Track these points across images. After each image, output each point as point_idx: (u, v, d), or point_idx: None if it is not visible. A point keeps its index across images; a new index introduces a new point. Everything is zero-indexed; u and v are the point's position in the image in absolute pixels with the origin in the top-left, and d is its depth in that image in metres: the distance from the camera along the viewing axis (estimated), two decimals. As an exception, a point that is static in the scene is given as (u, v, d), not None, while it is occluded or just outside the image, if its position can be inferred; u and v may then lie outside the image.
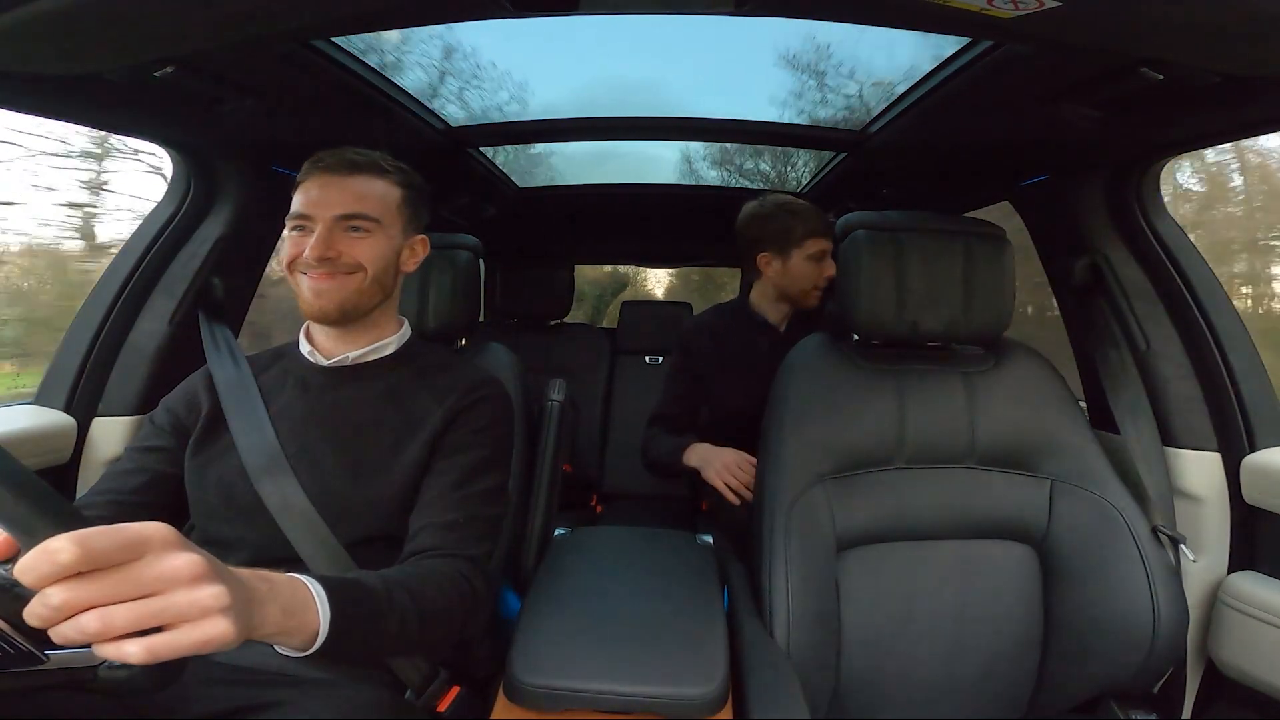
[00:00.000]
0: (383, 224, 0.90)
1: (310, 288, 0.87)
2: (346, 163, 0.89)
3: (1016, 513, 1.04)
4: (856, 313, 1.08)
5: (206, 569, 0.46)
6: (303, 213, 0.88)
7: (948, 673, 1.00)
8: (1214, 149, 2.81)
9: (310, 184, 0.89)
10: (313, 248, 0.85)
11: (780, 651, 0.93)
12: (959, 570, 1.03)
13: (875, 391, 1.07)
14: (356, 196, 0.89)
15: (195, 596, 0.44)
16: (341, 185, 0.89)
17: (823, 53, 1.23)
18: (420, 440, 0.87)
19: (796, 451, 1.03)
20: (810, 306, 1.54)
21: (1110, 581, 0.98)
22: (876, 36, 1.05)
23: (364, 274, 0.88)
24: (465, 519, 0.83)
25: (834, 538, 1.01)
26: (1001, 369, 1.11)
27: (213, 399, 0.92)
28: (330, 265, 0.86)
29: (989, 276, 1.07)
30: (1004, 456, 1.06)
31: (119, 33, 0.71)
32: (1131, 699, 1.00)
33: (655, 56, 1.30)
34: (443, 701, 0.85)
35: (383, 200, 0.91)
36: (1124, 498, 1.02)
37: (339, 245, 0.87)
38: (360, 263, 0.88)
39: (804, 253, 1.49)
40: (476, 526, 0.84)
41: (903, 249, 1.06)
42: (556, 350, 2.26)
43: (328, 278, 0.87)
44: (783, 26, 1.13)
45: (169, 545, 0.45)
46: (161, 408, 0.94)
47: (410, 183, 0.96)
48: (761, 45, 1.25)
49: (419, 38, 1.11)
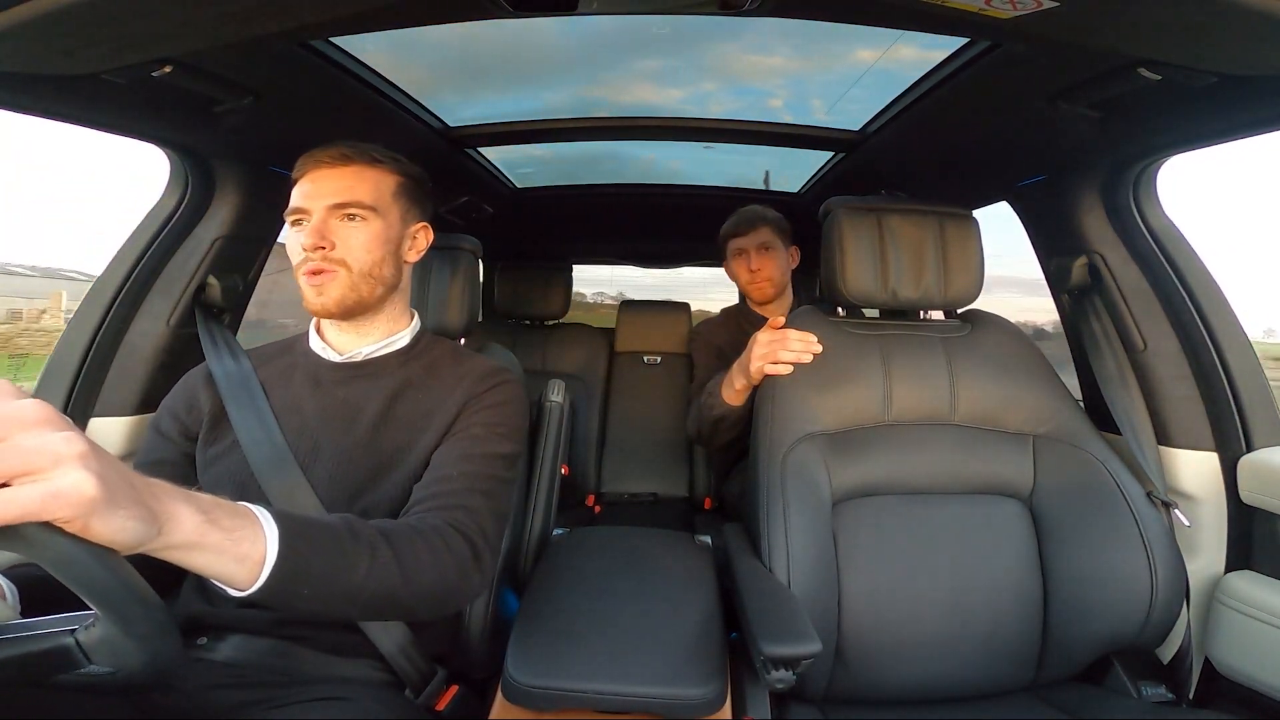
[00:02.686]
0: (379, 210, 0.90)
1: (309, 286, 0.88)
2: (339, 155, 0.90)
3: (1004, 469, 1.08)
4: (841, 284, 1.15)
5: (54, 416, 0.40)
6: (298, 206, 0.89)
7: (952, 632, 1.00)
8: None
9: (304, 178, 0.90)
10: (307, 235, 0.86)
11: (782, 585, 0.95)
12: (955, 527, 1.05)
13: (862, 355, 1.14)
14: (349, 185, 0.89)
15: (40, 441, 0.39)
16: (334, 176, 0.89)
17: (822, 52, 1.23)
18: (432, 433, 0.87)
19: (789, 409, 1.09)
20: (759, 300, 1.73)
21: (1103, 535, 1.00)
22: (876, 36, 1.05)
23: (348, 270, 0.88)
24: (463, 474, 0.81)
25: (829, 490, 1.04)
26: (976, 335, 1.18)
27: (213, 395, 0.92)
28: (324, 256, 0.86)
29: (960, 250, 1.16)
30: (985, 415, 1.11)
31: (117, 33, 0.71)
32: (1142, 671, 1.02)
33: (655, 56, 1.30)
34: (441, 700, 0.85)
35: (377, 187, 0.91)
36: (1107, 453, 1.06)
37: (333, 235, 0.87)
38: (344, 258, 0.88)
39: (730, 253, 1.74)
40: (476, 482, 0.81)
41: (881, 226, 1.15)
42: (555, 351, 2.26)
43: (321, 275, 0.87)
44: (783, 26, 1.14)
45: (7, 394, 0.40)
46: (164, 412, 0.93)
47: (407, 171, 0.96)
48: (762, 45, 1.25)
49: (418, 38, 1.11)
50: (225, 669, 0.77)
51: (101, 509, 0.40)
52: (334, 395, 0.90)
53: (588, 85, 1.43)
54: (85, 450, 0.40)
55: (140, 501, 0.43)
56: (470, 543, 0.74)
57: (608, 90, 1.44)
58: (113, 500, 0.40)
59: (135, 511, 0.42)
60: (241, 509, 0.53)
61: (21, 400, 0.40)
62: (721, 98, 1.47)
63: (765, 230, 1.69)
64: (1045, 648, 1.02)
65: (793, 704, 0.99)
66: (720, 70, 1.35)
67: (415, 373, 0.93)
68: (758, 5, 0.73)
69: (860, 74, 1.23)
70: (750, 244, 1.69)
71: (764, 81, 1.38)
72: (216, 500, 0.51)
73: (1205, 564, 1.11)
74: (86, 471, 0.39)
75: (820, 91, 1.39)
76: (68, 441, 0.39)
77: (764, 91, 1.43)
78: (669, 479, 2.16)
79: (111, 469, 0.42)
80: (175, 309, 1.22)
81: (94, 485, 0.39)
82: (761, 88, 1.42)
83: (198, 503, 0.48)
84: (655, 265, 3.18)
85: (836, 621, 0.99)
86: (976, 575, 1.02)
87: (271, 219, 1.34)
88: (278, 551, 0.53)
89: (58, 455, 0.39)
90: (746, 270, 1.70)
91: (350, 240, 0.88)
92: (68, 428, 0.40)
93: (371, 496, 0.83)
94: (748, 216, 1.71)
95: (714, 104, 1.49)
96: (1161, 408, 1.16)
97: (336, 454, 0.85)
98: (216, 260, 1.26)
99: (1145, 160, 1.10)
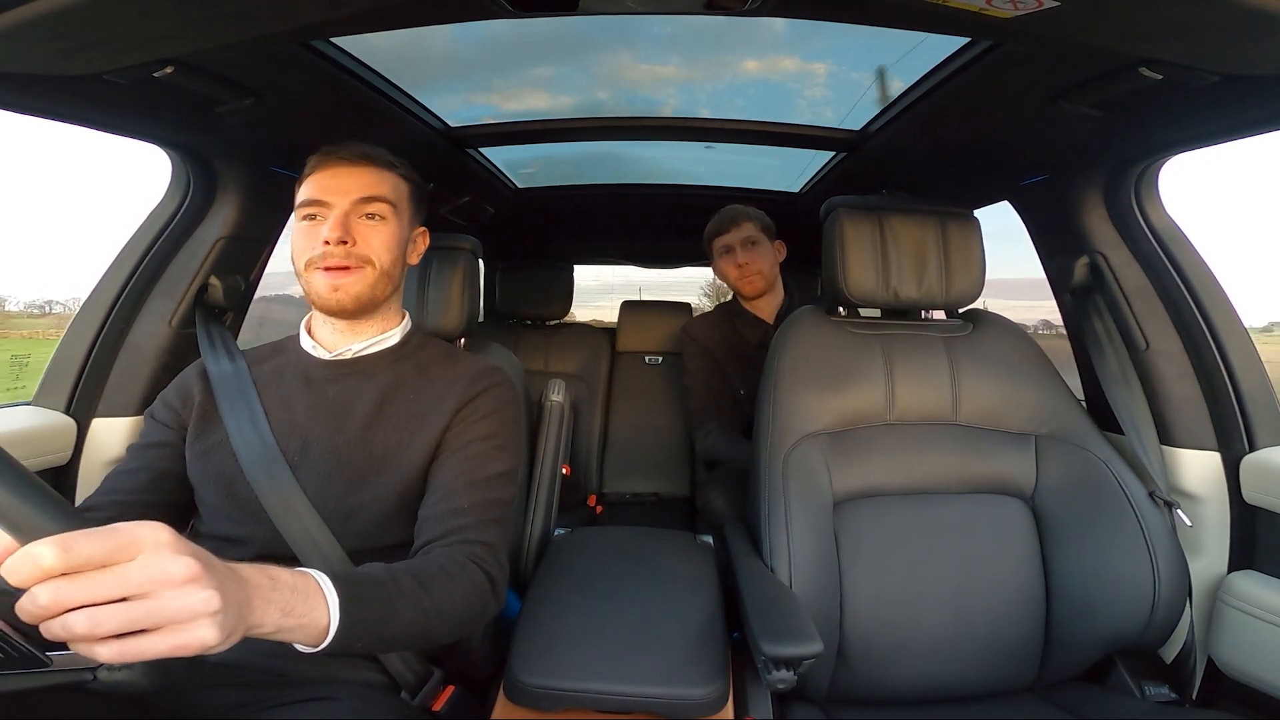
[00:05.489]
0: (396, 210, 0.92)
1: (327, 283, 0.87)
2: (360, 153, 0.91)
3: (1006, 468, 1.08)
4: (843, 283, 1.14)
5: (199, 572, 0.45)
6: (317, 199, 0.88)
7: (954, 632, 1.00)
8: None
9: (322, 173, 0.89)
10: (331, 229, 0.85)
11: (783, 585, 0.95)
12: (958, 527, 1.05)
13: (864, 354, 1.14)
14: (372, 183, 0.90)
15: (184, 601, 0.44)
16: (357, 173, 0.90)
17: (822, 53, 1.23)
18: (425, 436, 0.87)
19: (791, 409, 1.08)
20: (750, 294, 1.74)
21: (1105, 534, 1.00)
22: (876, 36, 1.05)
23: (373, 267, 0.89)
24: (474, 505, 0.82)
25: (830, 491, 1.04)
26: (979, 334, 1.18)
27: (205, 389, 0.92)
28: (345, 251, 0.86)
29: (962, 250, 1.16)
30: (987, 415, 1.11)
31: (118, 33, 0.71)
32: (1145, 671, 1.01)
33: (657, 57, 1.30)
34: (438, 701, 0.84)
35: (395, 189, 0.93)
36: (1109, 452, 1.06)
37: (355, 232, 0.87)
38: (369, 256, 0.88)
39: (716, 253, 1.76)
40: (487, 511, 0.83)
41: (882, 225, 1.15)
42: (556, 351, 2.25)
43: (343, 271, 0.87)
44: (783, 26, 1.14)
45: (161, 546, 0.44)
46: (159, 401, 0.94)
47: (411, 177, 0.97)
48: (762, 45, 1.25)
49: (419, 38, 1.11)
50: (220, 670, 0.77)
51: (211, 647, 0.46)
52: (324, 394, 0.90)
53: (589, 85, 1.43)
54: (219, 608, 0.45)
55: (242, 621, 0.49)
56: (489, 576, 0.78)
57: (609, 90, 1.44)
58: (223, 639, 0.47)
59: (235, 636, 0.48)
60: (310, 585, 0.58)
61: (176, 560, 0.44)
62: (723, 97, 1.47)
63: (748, 225, 1.72)
64: (1048, 647, 1.02)
65: (795, 704, 0.99)
66: (722, 70, 1.35)
67: (406, 371, 0.93)
68: (758, 5, 0.73)
69: (861, 74, 1.23)
70: (735, 239, 1.72)
71: (765, 81, 1.38)
72: (293, 585, 0.56)
73: (1208, 564, 1.11)
74: (214, 627, 0.45)
75: (821, 91, 1.39)
76: (206, 603, 0.45)
77: (765, 91, 1.43)
78: (671, 479, 2.16)
79: (233, 609, 0.48)
80: (178, 309, 1.23)
81: (215, 635, 0.45)
82: (762, 87, 1.41)
83: (279, 599, 0.54)
84: (656, 265, 3.18)
85: (839, 621, 0.99)
86: (979, 575, 1.02)
87: (273, 219, 1.35)
88: (339, 621, 0.59)
89: (195, 614, 0.44)
90: (734, 267, 1.72)
91: (371, 238, 0.89)
92: (210, 585, 0.45)
93: (360, 496, 0.83)
94: (729, 215, 1.74)
95: (715, 104, 1.48)
96: (1164, 407, 1.16)
97: (326, 453, 0.85)
98: (219, 260, 1.26)
99: (1147, 160, 1.10)
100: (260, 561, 0.72)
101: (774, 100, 1.46)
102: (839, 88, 1.34)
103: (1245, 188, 24.82)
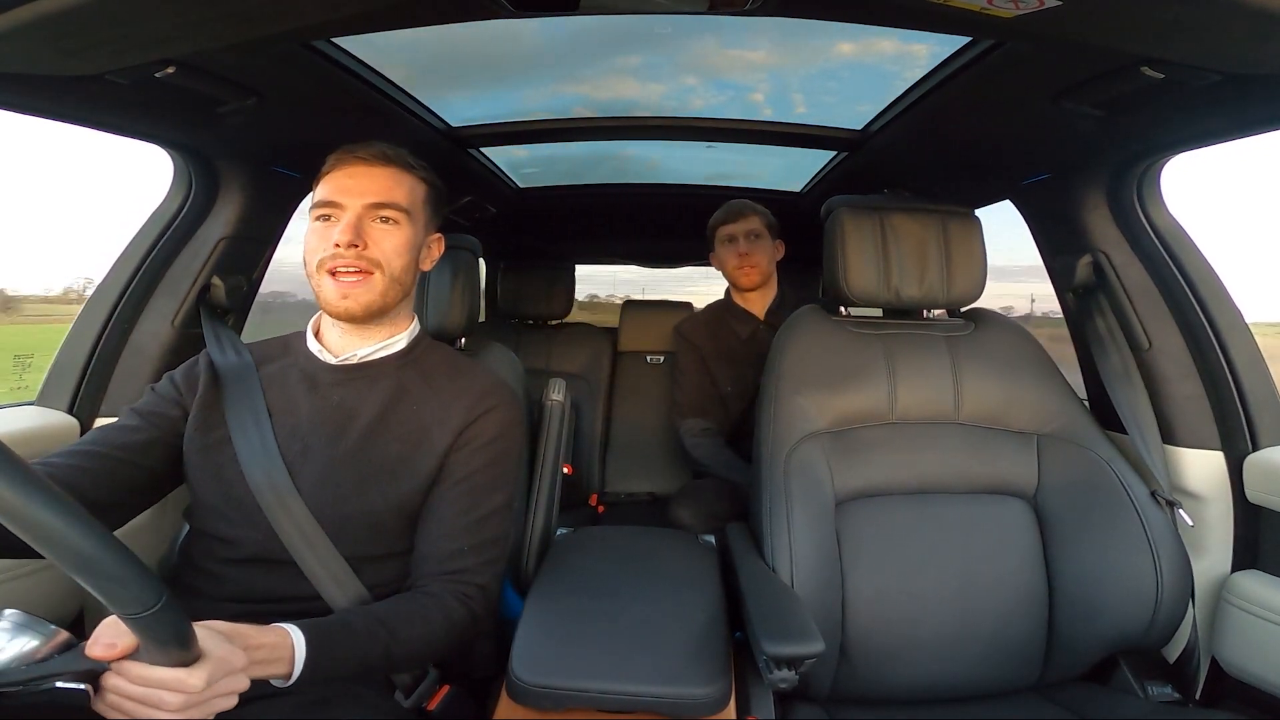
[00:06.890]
0: (411, 215, 0.91)
1: (336, 290, 0.86)
2: (379, 154, 0.90)
3: (1008, 468, 1.08)
4: (844, 283, 1.15)
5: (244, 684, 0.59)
6: (332, 200, 0.87)
7: (957, 632, 1.00)
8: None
9: (339, 173, 0.89)
10: (342, 232, 0.85)
11: (784, 584, 0.95)
12: (960, 527, 1.05)
13: (865, 354, 1.14)
14: (388, 186, 0.89)
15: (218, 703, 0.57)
16: (374, 175, 0.89)
17: (823, 52, 1.23)
18: (428, 454, 0.86)
19: (792, 409, 1.08)
20: (745, 286, 1.76)
21: (1107, 534, 1.00)
22: (876, 36, 1.04)
23: (383, 273, 0.88)
24: (474, 546, 0.85)
25: (832, 490, 1.04)
26: (981, 334, 1.18)
27: (210, 378, 0.91)
28: (356, 254, 0.85)
29: (963, 249, 1.15)
30: (990, 414, 1.11)
31: (119, 33, 0.71)
32: (1149, 671, 1.01)
33: (658, 57, 1.30)
34: (432, 700, 0.85)
35: (411, 192, 0.92)
36: (1112, 452, 1.06)
37: (367, 235, 0.86)
38: (380, 260, 0.87)
39: (719, 241, 1.79)
40: (486, 552, 0.86)
41: (884, 225, 1.15)
42: (557, 350, 2.26)
43: (354, 281, 0.86)
44: (783, 26, 1.13)
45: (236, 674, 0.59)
46: (165, 379, 0.93)
47: (433, 181, 0.97)
48: (762, 45, 1.24)
49: (421, 38, 1.11)
50: None
51: None
52: (329, 398, 0.89)
53: (591, 85, 1.43)
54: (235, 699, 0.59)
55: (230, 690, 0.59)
56: (473, 614, 0.83)
57: (611, 90, 1.44)
58: None
59: None
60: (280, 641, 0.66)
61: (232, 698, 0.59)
62: (724, 97, 1.47)
63: (755, 219, 1.77)
64: (1051, 647, 1.02)
65: (797, 704, 0.99)
66: (723, 70, 1.35)
67: (412, 379, 0.92)
68: (759, 4, 0.73)
69: (862, 73, 1.23)
70: (739, 230, 1.76)
71: (766, 81, 1.38)
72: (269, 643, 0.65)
73: (1212, 563, 1.11)
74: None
75: (822, 91, 1.39)
76: (229, 700, 0.58)
77: (766, 91, 1.43)
78: (672, 479, 2.16)
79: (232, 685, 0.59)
80: (180, 309, 1.23)
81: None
82: (763, 88, 1.41)
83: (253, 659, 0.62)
84: (658, 265, 3.18)
85: (841, 621, 0.99)
86: (981, 575, 1.02)
87: (275, 219, 1.35)
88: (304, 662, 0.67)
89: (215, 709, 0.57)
90: (735, 255, 1.75)
91: (384, 242, 0.88)
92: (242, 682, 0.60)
93: (356, 504, 0.83)
94: (737, 206, 1.79)
95: (717, 104, 1.48)
96: (1167, 407, 1.16)
97: (325, 459, 0.85)
98: (221, 260, 1.26)
99: (1149, 159, 1.10)
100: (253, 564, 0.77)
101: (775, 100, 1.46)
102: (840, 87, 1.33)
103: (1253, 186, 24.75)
